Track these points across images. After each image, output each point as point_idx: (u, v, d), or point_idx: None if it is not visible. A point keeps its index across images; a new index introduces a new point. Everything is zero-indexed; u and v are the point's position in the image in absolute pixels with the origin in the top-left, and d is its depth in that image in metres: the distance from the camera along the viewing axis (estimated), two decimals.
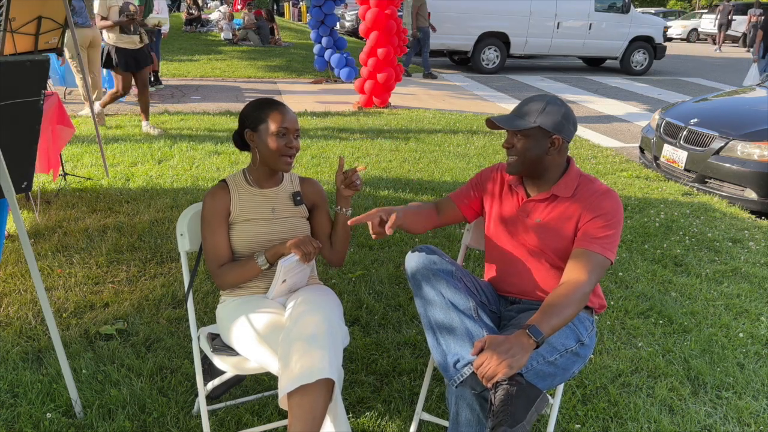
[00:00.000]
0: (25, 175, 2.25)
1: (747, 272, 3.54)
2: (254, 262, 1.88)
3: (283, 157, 1.90)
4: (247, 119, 1.93)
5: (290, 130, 1.90)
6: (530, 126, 1.77)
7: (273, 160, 1.91)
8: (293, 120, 1.91)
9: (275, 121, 1.88)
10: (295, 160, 1.98)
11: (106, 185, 4.63)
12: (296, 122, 1.92)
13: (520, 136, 1.80)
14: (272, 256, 1.87)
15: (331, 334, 1.69)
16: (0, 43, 3.71)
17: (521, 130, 1.79)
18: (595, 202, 1.80)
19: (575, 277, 1.69)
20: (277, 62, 12.95)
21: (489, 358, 1.50)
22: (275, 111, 1.89)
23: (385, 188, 4.76)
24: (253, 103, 1.95)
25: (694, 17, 27.82)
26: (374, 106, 8.43)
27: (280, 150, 1.89)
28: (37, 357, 2.49)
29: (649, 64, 13.32)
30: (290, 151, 1.90)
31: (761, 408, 2.36)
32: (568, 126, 1.81)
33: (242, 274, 1.90)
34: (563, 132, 1.79)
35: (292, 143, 1.90)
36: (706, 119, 5.19)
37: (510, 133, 1.84)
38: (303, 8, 25.92)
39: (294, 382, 1.59)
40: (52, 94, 4.15)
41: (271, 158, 1.91)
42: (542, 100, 1.81)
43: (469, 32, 12.48)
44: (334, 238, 2.03)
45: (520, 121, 1.80)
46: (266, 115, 1.89)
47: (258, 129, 1.91)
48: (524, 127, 1.78)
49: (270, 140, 1.88)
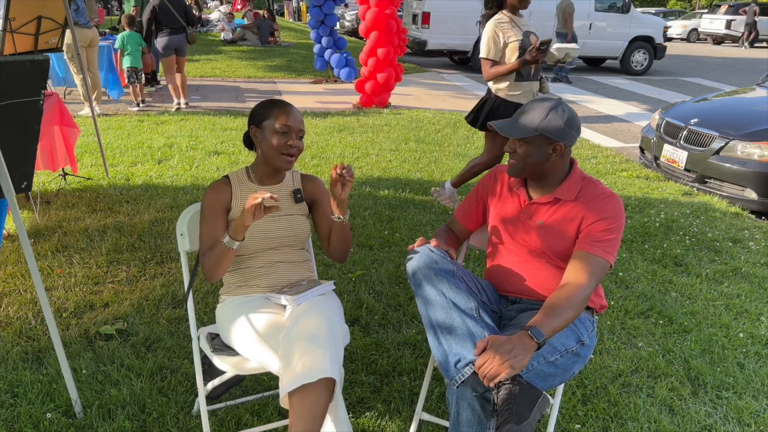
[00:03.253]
0: (25, 175, 2.25)
1: (747, 272, 3.54)
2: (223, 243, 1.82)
3: (283, 155, 1.90)
4: (254, 116, 1.96)
5: (293, 129, 1.91)
6: (531, 134, 1.77)
7: (273, 158, 1.92)
8: (297, 120, 1.92)
9: (279, 119, 1.89)
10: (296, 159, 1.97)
11: (106, 185, 4.63)
12: (301, 123, 1.93)
13: (522, 142, 1.80)
14: (233, 232, 1.79)
15: (332, 334, 1.69)
16: (0, 43, 3.71)
17: (522, 138, 1.79)
18: (599, 206, 1.79)
19: (576, 279, 1.69)
20: (277, 62, 12.95)
21: (491, 359, 1.50)
22: (280, 109, 1.92)
23: (385, 188, 4.76)
24: (264, 102, 1.97)
25: (694, 17, 27.82)
26: (374, 106, 8.43)
27: (280, 147, 1.89)
28: (37, 357, 2.49)
29: (649, 64, 13.32)
30: (290, 150, 1.91)
31: (761, 408, 2.36)
32: (571, 132, 1.80)
33: (216, 256, 1.84)
34: (565, 138, 1.79)
35: (294, 142, 1.91)
36: (706, 119, 5.19)
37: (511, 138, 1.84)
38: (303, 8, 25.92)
39: (295, 381, 1.59)
40: (52, 94, 4.15)
41: (272, 155, 1.92)
42: (545, 105, 1.80)
43: (469, 32, 12.45)
44: (333, 242, 2.02)
45: (522, 128, 1.80)
46: (271, 113, 1.91)
47: (262, 125, 1.93)
48: (525, 135, 1.78)
49: (272, 137, 1.90)
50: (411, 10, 13.30)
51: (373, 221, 4.08)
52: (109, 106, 7.87)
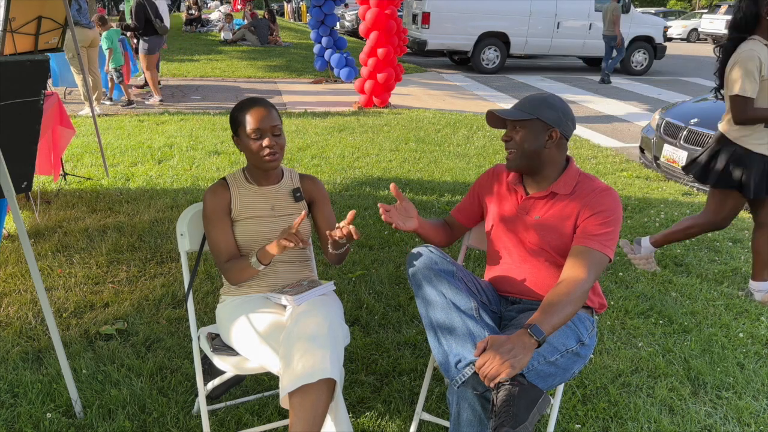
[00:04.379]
0: (25, 175, 2.25)
1: (747, 272, 3.54)
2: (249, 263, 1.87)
3: (263, 157, 1.88)
4: (232, 124, 1.93)
5: (265, 130, 1.86)
6: (529, 117, 1.79)
7: (256, 161, 1.91)
8: (268, 118, 1.86)
9: (249, 123, 1.86)
10: (282, 154, 1.92)
11: (106, 185, 4.63)
12: (273, 119, 1.87)
13: (519, 127, 1.83)
14: (263, 256, 1.84)
15: (333, 334, 1.69)
16: (0, 43, 3.71)
17: (520, 120, 1.81)
18: (594, 199, 1.80)
19: (574, 274, 1.69)
20: (277, 62, 12.95)
21: (491, 358, 1.50)
22: (248, 113, 1.87)
23: (385, 188, 4.76)
24: (235, 105, 1.94)
25: (694, 17, 27.83)
26: (374, 106, 8.43)
27: (258, 150, 1.87)
28: (37, 357, 2.49)
29: (650, 64, 13.32)
30: (269, 151, 1.87)
31: (761, 408, 2.36)
32: (567, 122, 1.82)
33: (242, 273, 1.90)
34: (561, 126, 1.81)
35: (270, 142, 1.86)
36: (706, 119, 5.19)
37: (509, 126, 1.86)
38: (303, 8, 25.93)
39: (296, 381, 1.59)
40: (52, 94, 4.15)
41: (254, 160, 1.91)
42: (542, 94, 1.85)
43: (469, 32, 12.48)
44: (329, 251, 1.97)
45: (519, 112, 1.83)
46: (242, 119, 1.88)
47: (239, 133, 1.91)
48: (523, 117, 1.80)
49: (248, 143, 1.88)
50: (411, 10, 13.30)
51: (373, 221, 4.08)
52: (109, 106, 7.88)
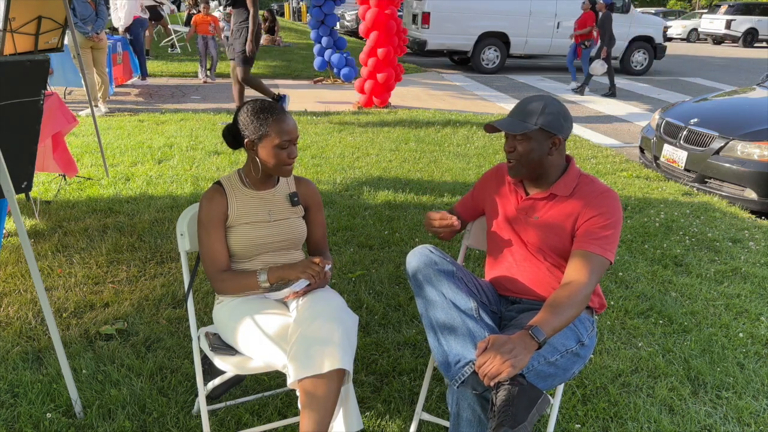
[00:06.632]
0: (25, 175, 2.25)
1: (747, 272, 3.54)
2: (255, 278, 1.86)
3: (285, 166, 1.90)
4: (248, 128, 1.88)
5: (292, 141, 1.89)
6: (532, 128, 1.77)
7: (275, 170, 1.92)
8: (294, 128, 1.89)
9: (278, 134, 1.85)
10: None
11: (106, 185, 4.63)
12: (296, 129, 1.91)
13: (522, 139, 1.80)
14: (275, 278, 1.85)
15: (346, 334, 1.70)
16: (0, 43, 3.71)
17: (524, 133, 1.79)
18: (595, 201, 1.80)
19: (576, 278, 1.69)
20: (277, 62, 12.95)
21: (492, 358, 1.50)
22: (276, 122, 1.86)
23: (385, 188, 4.76)
24: (254, 108, 1.88)
25: (694, 17, 27.84)
26: (374, 106, 8.43)
27: (283, 161, 1.89)
28: (37, 357, 2.49)
29: (649, 64, 13.33)
30: (292, 161, 1.91)
31: (761, 408, 2.36)
32: (567, 125, 1.82)
33: (242, 286, 1.89)
34: (563, 131, 1.80)
35: (294, 153, 1.90)
36: (706, 119, 5.19)
37: (510, 136, 1.83)
38: (303, 8, 25.93)
39: (306, 370, 1.61)
40: (52, 94, 4.15)
41: (274, 168, 1.91)
42: (540, 100, 1.81)
43: (469, 32, 12.48)
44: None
45: (522, 123, 1.80)
46: (269, 127, 1.85)
47: (261, 140, 1.87)
48: (527, 130, 1.78)
49: (274, 152, 1.87)
50: (411, 10, 13.30)
51: (373, 221, 4.08)
52: (108, 106, 7.86)
